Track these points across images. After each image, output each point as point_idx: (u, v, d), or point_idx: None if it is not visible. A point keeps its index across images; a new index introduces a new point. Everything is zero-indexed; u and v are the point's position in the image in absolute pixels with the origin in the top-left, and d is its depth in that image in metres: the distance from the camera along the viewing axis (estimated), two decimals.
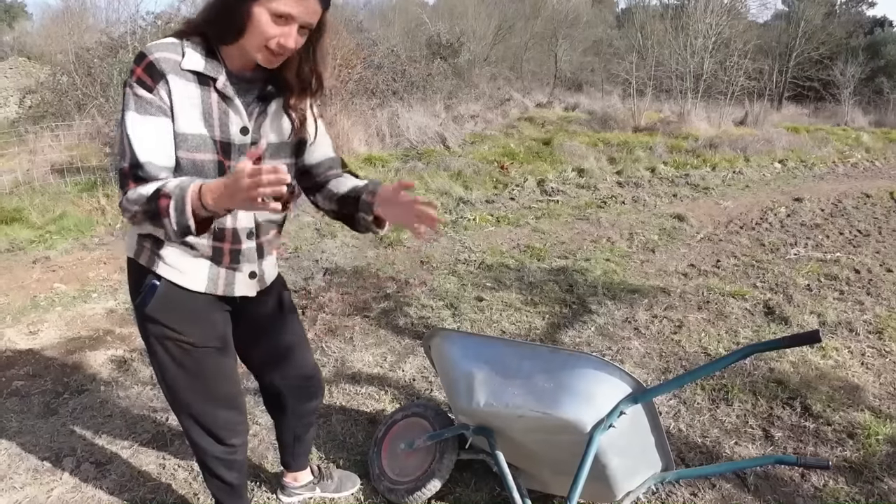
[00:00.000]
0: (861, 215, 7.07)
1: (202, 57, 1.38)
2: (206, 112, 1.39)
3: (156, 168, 1.33)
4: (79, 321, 3.94)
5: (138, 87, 1.33)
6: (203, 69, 1.37)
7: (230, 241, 1.55)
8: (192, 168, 1.40)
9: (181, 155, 1.38)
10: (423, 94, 12.75)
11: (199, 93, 1.38)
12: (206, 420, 1.72)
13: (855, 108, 19.62)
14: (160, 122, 1.34)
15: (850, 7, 31.36)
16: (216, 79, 1.39)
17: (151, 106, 1.33)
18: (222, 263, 1.57)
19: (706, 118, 13.76)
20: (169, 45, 1.37)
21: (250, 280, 1.63)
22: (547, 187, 8.15)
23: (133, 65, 1.35)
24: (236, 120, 1.43)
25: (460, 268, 4.97)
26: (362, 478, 2.41)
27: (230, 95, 1.41)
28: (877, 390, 3.14)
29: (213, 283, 1.58)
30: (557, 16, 26.77)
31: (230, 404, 1.74)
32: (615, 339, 3.71)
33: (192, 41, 1.38)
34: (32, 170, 7.49)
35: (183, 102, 1.36)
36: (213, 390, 1.69)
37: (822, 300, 4.32)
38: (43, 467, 2.49)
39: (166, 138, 1.35)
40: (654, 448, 1.95)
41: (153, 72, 1.33)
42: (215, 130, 1.41)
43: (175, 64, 1.34)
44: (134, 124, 1.32)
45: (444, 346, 2.14)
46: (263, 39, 1.34)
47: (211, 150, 1.41)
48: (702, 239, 6.01)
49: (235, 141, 1.44)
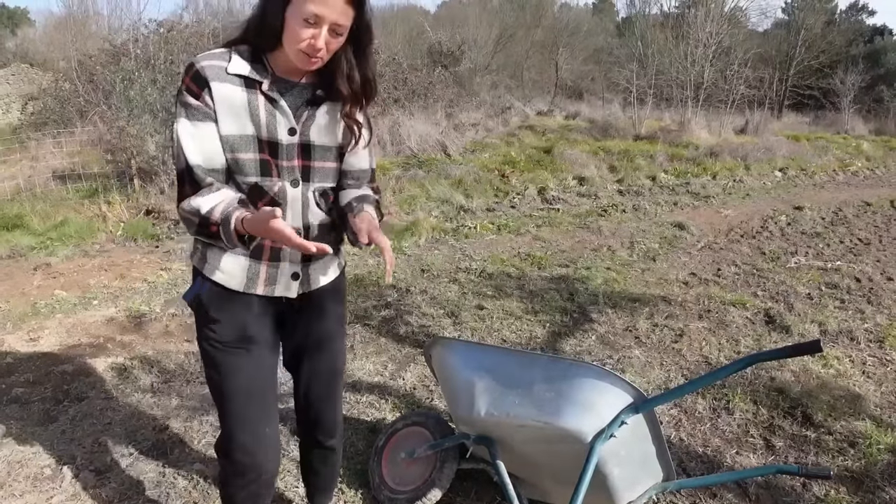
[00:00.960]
0: (861, 224, 7.07)
1: (248, 62, 1.46)
2: (253, 113, 1.47)
3: (205, 171, 1.44)
4: (79, 328, 3.94)
5: (187, 94, 1.43)
6: (248, 73, 1.45)
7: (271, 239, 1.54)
8: (235, 166, 1.48)
9: (226, 155, 1.48)
10: (424, 102, 12.78)
11: (245, 95, 1.45)
12: (225, 427, 1.68)
13: (855, 116, 19.63)
14: (207, 126, 1.44)
15: (850, 16, 31.47)
16: (262, 82, 1.46)
17: (198, 112, 1.43)
18: (262, 260, 1.57)
19: (707, 126, 13.77)
20: (217, 53, 1.47)
21: (293, 281, 1.62)
22: (548, 195, 8.17)
23: (183, 74, 1.45)
24: (283, 121, 1.49)
25: (461, 276, 4.97)
26: (363, 487, 2.41)
27: (275, 98, 1.48)
28: (878, 399, 3.13)
29: (251, 283, 1.58)
30: (558, 24, 26.85)
31: (244, 420, 1.65)
32: (616, 347, 3.70)
33: (239, 49, 1.47)
34: (34, 176, 7.52)
35: (225, 105, 1.44)
36: (231, 396, 1.64)
37: (823, 309, 4.32)
38: (42, 475, 2.49)
39: (214, 141, 1.45)
40: (655, 457, 1.95)
41: (198, 79, 1.42)
42: (262, 131, 1.48)
43: (220, 70, 1.43)
44: (184, 131, 1.43)
45: (444, 354, 2.14)
46: (296, 42, 1.40)
47: (253, 150, 1.48)
48: (702, 247, 6.01)
49: (283, 141, 1.50)
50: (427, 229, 6.23)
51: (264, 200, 1.52)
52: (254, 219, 1.35)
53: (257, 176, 1.50)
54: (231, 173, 1.50)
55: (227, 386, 1.63)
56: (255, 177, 1.50)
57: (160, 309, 4.23)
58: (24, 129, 10.34)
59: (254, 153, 1.48)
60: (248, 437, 1.66)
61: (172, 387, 3.20)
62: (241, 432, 1.66)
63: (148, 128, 7.09)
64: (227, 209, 1.39)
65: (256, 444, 1.67)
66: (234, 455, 1.67)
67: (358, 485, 2.42)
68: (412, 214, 6.82)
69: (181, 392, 3.14)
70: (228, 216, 1.37)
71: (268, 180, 1.51)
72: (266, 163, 1.50)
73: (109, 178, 7.28)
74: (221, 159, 1.47)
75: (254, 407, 1.66)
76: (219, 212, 1.39)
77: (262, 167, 1.50)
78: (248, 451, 1.66)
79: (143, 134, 7.06)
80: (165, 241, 5.92)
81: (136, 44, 8.90)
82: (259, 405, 1.68)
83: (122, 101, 7.25)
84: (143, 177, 7.21)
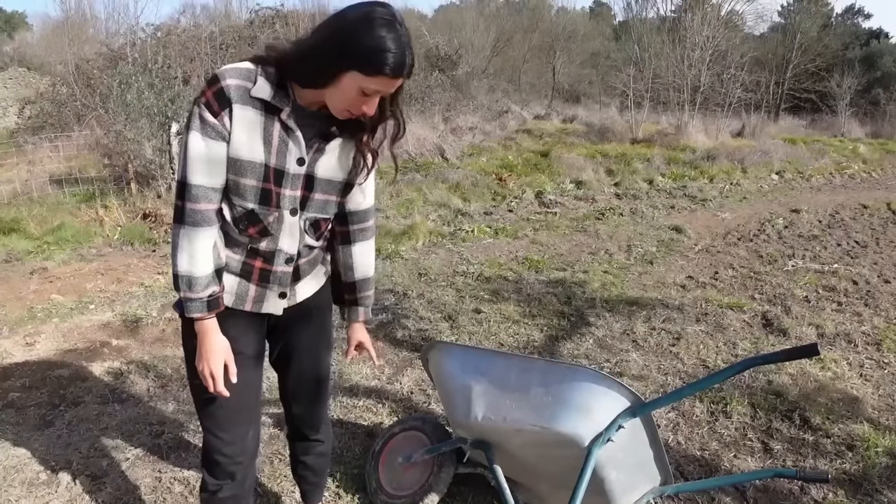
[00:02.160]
0: (858, 226, 7.09)
1: (272, 87, 1.42)
2: (267, 139, 1.45)
3: (205, 190, 1.44)
4: (76, 333, 3.92)
5: (205, 109, 1.40)
6: (270, 99, 1.42)
7: (262, 261, 1.57)
8: (234, 189, 1.48)
9: (228, 176, 1.47)
10: (421, 107, 12.80)
11: (262, 120, 1.43)
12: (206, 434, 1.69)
13: (851, 119, 19.70)
14: (217, 146, 1.42)
15: (846, 19, 31.58)
16: (282, 109, 1.44)
17: (213, 130, 1.41)
18: (251, 280, 1.59)
19: (703, 130, 13.80)
20: (244, 70, 1.42)
21: (280, 300, 1.64)
22: (545, 199, 8.17)
23: (205, 85, 1.42)
24: (295, 150, 1.48)
25: (458, 280, 4.97)
26: (360, 492, 2.40)
27: (292, 127, 1.46)
28: (875, 402, 3.13)
29: (240, 300, 1.60)
30: (555, 28, 26.93)
31: (220, 427, 1.67)
32: (613, 351, 3.70)
33: (266, 70, 1.43)
34: (31, 180, 7.51)
35: (243, 129, 1.42)
36: (211, 405, 1.66)
37: (821, 312, 4.32)
38: (38, 480, 2.47)
39: (220, 162, 1.44)
40: (653, 461, 1.94)
41: (221, 98, 1.40)
42: (272, 157, 1.46)
43: (244, 91, 1.40)
44: (195, 145, 1.42)
45: (441, 359, 2.14)
46: (346, 104, 1.40)
47: (257, 178, 1.47)
48: (700, 251, 6.02)
49: (290, 170, 1.49)
50: (424, 233, 6.23)
51: (257, 228, 1.52)
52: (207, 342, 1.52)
53: (255, 203, 1.49)
54: (228, 192, 1.49)
55: (212, 397, 1.63)
56: (254, 203, 1.49)
57: (156, 313, 4.22)
58: (21, 133, 10.33)
59: (257, 181, 1.47)
60: (228, 446, 1.68)
61: (169, 391, 3.19)
62: (226, 441, 1.67)
63: (145, 132, 7.08)
64: (194, 305, 1.48)
65: (237, 454, 1.69)
66: (213, 461, 1.69)
67: (355, 489, 2.41)
68: (409, 218, 6.82)
69: (177, 397, 3.13)
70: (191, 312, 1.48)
71: (265, 209, 1.51)
72: (267, 192, 1.49)
73: (106, 182, 7.27)
74: (223, 180, 1.47)
75: (235, 416, 1.68)
76: (194, 296, 1.48)
77: (263, 195, 1.49)
78: (229, 459, 1.68)
79: (140, 138, 7.06)
80: (162, 245, 5.91)
81: (133, 48, 8.93)
82: (240, 414, 1.69)
83: (120, 105, 7.25)
84: (140, 181, 7.20)
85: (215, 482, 1.71)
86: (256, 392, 1.76)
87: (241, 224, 1.51)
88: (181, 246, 1.46)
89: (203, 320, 1.50)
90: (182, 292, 1.47)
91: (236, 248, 1.55)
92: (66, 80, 10.68)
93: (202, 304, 1.48)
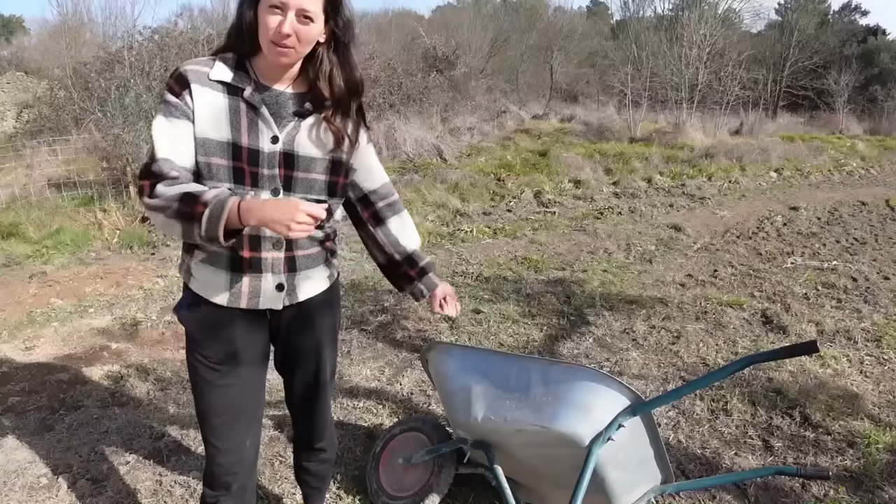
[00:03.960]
0: (857, 223, 7.09)
1: (230, 69, 1.47)
2: (234, 120, 1.46)
3: (173, 166, 1.41)
4: (75, 337, 3.92)
5: (168, 93, 1.45)
6: (230, 80, 1.46)
7: (249, 249, 1.53)
8: (207, 171, 1.46)
9: (199, 158, 1.46)
10: (419, 107, 12.79)
11: (226, 102, 1.46)
12: (207, 441, 1.68)
13: (849, 116, 19.72)
14: (182, 124, 1.44)
15: (843, 16, 31.59)
16: (244, 88, 1.47)
17: (176, 109, 1.44)
18: (243, 272, 1.54)
19: (702, 128, 13.81)
20: (202, 61, 1.49)
21: (277, 292, 1.59)
22: (544, 199, 8.17)
23: (168, 78, 1.48)
24: (265, 129, 1.48)
25: (458, 280, 4.97)
26: (360, 493, 2.40)
27: (256, 104, 1.47)
28: (876, 398, 3.13)
29: (235, 297, 1.55)
30: (552, 28, 26.90)
31: (216, 435, 1.65)
32: (613, 350, 3.70)
33: (224, 56, 1.49)
34: (29, 184, 7.50)
35: (205, 109, 1.44)
36: (215, 413, 1.64)
37: (820, 309, 4.32)
38: (39, 484, 2.47)
39: (186, 140, 1.44)
40: (654, 460, 1.94)
41: (181, 80, 1.44)
42: (242, 138, 1.47)
43: (203, 75, 1.45)
44: (159, 126, 1.44)
45: (441, 359, 2.14)
46: (266, 33, 1.42)
47: (227, 157, 1.46)
48: (699, 249, 6.02)
49: (265, 150, 1.48)
50: (423, 234, 6.23)
51: None
52: (262, 204, 1.30)
53: (230, 182, 1.47)
54: (200, 178, 1.46)
55: (210, 403, 1.63)
56: (228, 183, 1.47)
57: (156, 317, 4.21)
58: (19, 137, 10.30)
59: (227, 160, 1.46)
60: (224, 455, 1.67)
61: (169, 395, 3.19)
62: (222, 450, 1.66)
63: (143, 135, 7.07)
64: (220, 194, 1.33)
65: (233, 463, 1.68)
66: (210, 471, 1.68)
67: (355, 491, 2.41)
68: None
69: (178, 400, 3.13)
70: (223, 200, 1.30)
71: (240, 188, 1.48)
72: (240, 171, 1.47)
73: (105, 186, 7.27)
74: (192, 160, 1.45)
75: (236, 424, 1.66)
76: (211, 194, 1.33)
77: (236, 174, 1.47)
78: (224, 469, 1.67)
79: (138, 141, 7.05)
80: (161, 248, 5.90)
81: (130, 51, 8.91)
82: (241, 422, 1.68)
83: (118, 109, 7.24)
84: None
85: (212, 493, 1.70)
86: (256, 398, 1.73)
87: None
88: (165, 194, 1.35)
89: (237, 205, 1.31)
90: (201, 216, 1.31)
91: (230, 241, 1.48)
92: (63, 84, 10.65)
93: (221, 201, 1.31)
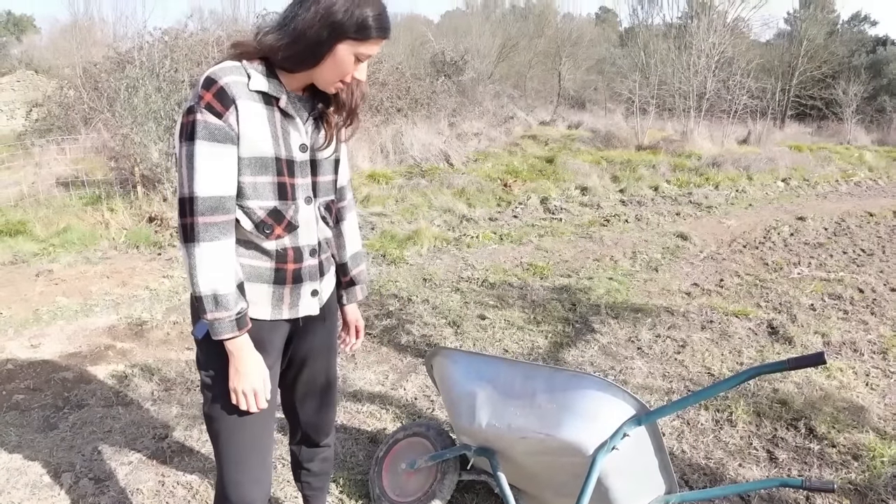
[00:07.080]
0: (864, 234, 7.05)
1: (265, 78, 1.42)
2: (273, 132, 1.43)
3: (219, 201, 1.37)
4: (80, 335, 3.93)
5: (208, 113, 1.33)
6: (268, 89, 1.41)
7: (293, 261, 1.53)
8: (252, 192, 1.42)
9: (242, 180, 1.41)
10: (427, 112, 12.81)
11: (265, 113, 1.42)
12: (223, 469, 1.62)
13: (858, 126, 19.62)
14: (227, 150, 1.36)
15: (853, 26, 31.50)
16: (279, 98, 1.43)
17: (220, 132, 1.35)
18: (285, 284, 1.54)
19: (709, 137, 13.78)
20: (233, 68, 1.39)
21: (312, 298, 1.61)
22: (550, 205, 8.17)
23: (201, 90, 1.35)
24: (296, 137, 1.48)
25: (463, 285, 4.96)
26: (363, 498, 2.39)
27: (292, 113, 1.46)
28: (882, 411, 3.11)
29: (277, 309, 1.55)
30: (561, 34, 26.94)
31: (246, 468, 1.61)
32: (618, 358, 3.69)
33: (252, 64, 1.41)
34: (38, 182, 7.55)
35: (251, 125, 1.39)
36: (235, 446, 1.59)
37: (826, 320, 4.30)
38: (41, 482, 2.48)
39: (231, 168, 1.38)
40: (658, 470, 1.93)
41: (223, 97, 1.34)
42: (281, 149, 1.45)
43: (243, 86, 1.38)
44: (201, 153, 1.34)
45: (446, 364, 2.13)
46: (341, 75, 1.42)
47: (271, 173, 1.44)
48: (705, 258, 6.00)
49: (297, 158, 1.49)
50: (429, 238, 6.23)
51: (282, 225, 1.48)
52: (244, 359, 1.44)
53: (275, 199, 1.45)
54: (242, 197, 1.43)
55: (232, 436, 1.57)
56: (274, 200, 1.45)
57: (161, 317, 4.22)
58: (28, 136, 10.37)
59: (272, 176, 1.44)
60: (247, 486, 1.61)
61: (173, 395, 3.19)
62: (240, 481, 1.60)
63: (152, 135, 7.11)
64: (241, 311, 1.41)
65: (254, 489, 1.63)
66: (230, 497, 1.61)
67: (358, 496, 2.41)
68: (414, 223, 6.82)
69: (181, 400, 3.13)
70: (234, 324, 1.40)
71: (285, 203, 1.47)
72: (283, 185, 1.47)
73: (112, 185, 7.30)
74: (235, 188, 1.40)
75: (254, 452, 1.60)
76: (234, 311, 1.40)
77: (280, 190, 1.46)
78: (246, 495, 1.61)
79: (146, 141, 7.09)
80: (168, 248, 5.92)
81: (140, 51, 8.94)
82: (260, 450, 1.62)
83: (127, 109, 7.28)
84: (147, 184, 7.23)
85: None
86: (273, 419, 1.67)
87: (266, 227, 1.46)
88: (199, 265, 1.35)
89: (235, 339, 1.41)
90: (209, 314, 1.37)
91: (264, 256, 1.50)
92: (73, 83, 10.71)
93: (232, 323, 1.39)
